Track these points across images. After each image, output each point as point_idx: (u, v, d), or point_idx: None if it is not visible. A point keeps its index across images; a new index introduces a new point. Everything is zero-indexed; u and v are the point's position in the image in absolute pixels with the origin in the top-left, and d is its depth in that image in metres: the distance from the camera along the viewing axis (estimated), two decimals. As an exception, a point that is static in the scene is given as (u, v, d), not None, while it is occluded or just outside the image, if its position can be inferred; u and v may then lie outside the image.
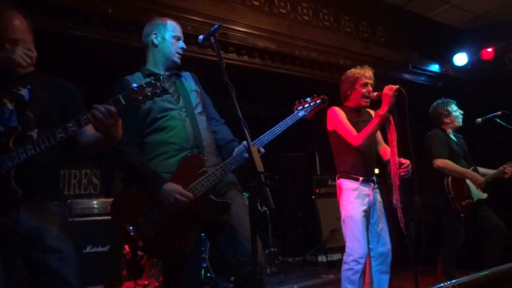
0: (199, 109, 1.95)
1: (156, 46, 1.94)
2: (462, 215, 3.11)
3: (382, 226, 2.59)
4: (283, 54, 3.81)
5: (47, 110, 1.61)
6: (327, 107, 2.17)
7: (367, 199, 2.54)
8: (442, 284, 0.86)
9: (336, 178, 2.68)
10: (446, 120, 3.35)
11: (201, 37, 1.71)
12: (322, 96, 2.11)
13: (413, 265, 2.11)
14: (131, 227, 1.70)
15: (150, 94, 1.47)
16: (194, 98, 1.96)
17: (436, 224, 3.29)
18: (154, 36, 1.94)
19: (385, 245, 2.56)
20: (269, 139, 1.85)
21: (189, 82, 2.02)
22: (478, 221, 3.19)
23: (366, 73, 2.64)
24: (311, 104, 2.08)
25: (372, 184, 2.59)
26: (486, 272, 0.94)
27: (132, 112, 1.78)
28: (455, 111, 3.37)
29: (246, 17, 3.57)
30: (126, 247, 4.52)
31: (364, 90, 2.62)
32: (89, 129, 1.61)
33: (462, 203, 3.12)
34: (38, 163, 1.53)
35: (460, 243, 3.10)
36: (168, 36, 1.94)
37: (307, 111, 2.06)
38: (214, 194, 1.75)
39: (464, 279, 0.92)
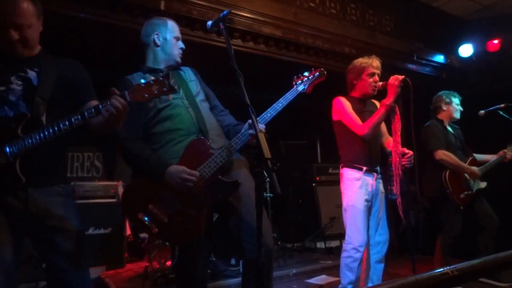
0: (200, 97, 2.00)
1: (158, 46, 1.97)
2: (461, 207, 3.15)
3: (381, 216, 2.62)
4: (288, 41, 3.79)
5: (56, 95, 1.60)
6: (325, 80, 2.17)
7: (370, 189, 2.56)
8: (441, 269, 0.88)
9: (340, 167, 2.69)
10: (444, 107, 3.35)
11: (209, 23, 1.71)
12: (320, 69, 2.14)
13: (411, 253, 2.15)
14: (145, 216, 1.72)
15: (156, 92, 1.45)
16: (194, 87, 2.01)
17: (431, 214, 3.34)
18: (155, 36, 1.97)
19: (383, 234, 2.60)
20: (272, 115, 1.88)
21: (188, 74, 2.07)
22: (473, 212, 3.24)
23: (373, 63, 2.62)
24: (310, 77, 2.11)
25: (375, 174, 2.61)
26: (484, 259, 0.97)
27: (134, 107, 1.75)
28: (457, 104, 3.38)
29: (252, 2, 3.54)
30: (128, 229, 4.59)
31: (370, 80, 2.61)
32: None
33: (461, 196, 3.16)
34: (46, 147, 1.54)
35: (457, 232, 3.16)
36: (169, 37, 1.98)
37: (306, 85, 2.09)
38: (223, 175, 1.78)
39: (461, 265, 0.95)
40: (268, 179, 3.83)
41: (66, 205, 1.62)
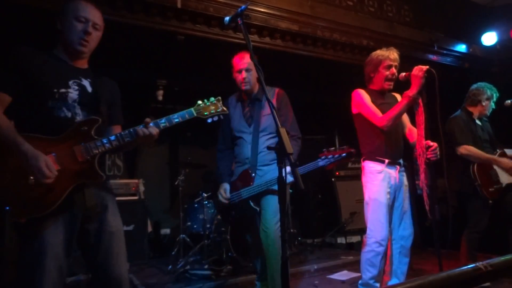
0: (265, 132, 2.46)
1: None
2: (490, 201, 3.04)
3: (406, 209, 2.56)
4: (305, 35, 3.74)
5: (104, 104, 1.75)
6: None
7: (392, 182, 2.51)
8: (473, 265, 0.86)
9: (361, 160, 2.65)
10: (484, 102, 3.23)
11: (227, 18, 1.69)
12: (350, 150, 2.24)
13: (437, 248, 2.10)
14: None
15: (213, 111, 1.84)
16: (264, 122, 2.44)
17: (457, 208, 3.25)
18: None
19: (407, 228, 2.54)
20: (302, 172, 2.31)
21: (267, 106, 2.41)
22: (504, 206, 3.13)
23: (390, 55, 2.56)
24: (335, 156, 2.28)
25: (398, 167, 2.55)
26: (519, 254, 0.93)
27: (227, 126, 2.61)
28: (494, 102, 3.28)
29: (268, -3, 3.52)
30: (150, 226, 4.67)
31: (387, 73, 2.56)
32: (116, 130, 1.80)
33: (490, 189, 3.05)
34: None
35: (483, 227, 3.06)
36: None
37: (328, 163, 2.30)
38: (254, 200, 2.47)
39: (495, 260, 0.92)
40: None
41: (113, 200, 1.74)
